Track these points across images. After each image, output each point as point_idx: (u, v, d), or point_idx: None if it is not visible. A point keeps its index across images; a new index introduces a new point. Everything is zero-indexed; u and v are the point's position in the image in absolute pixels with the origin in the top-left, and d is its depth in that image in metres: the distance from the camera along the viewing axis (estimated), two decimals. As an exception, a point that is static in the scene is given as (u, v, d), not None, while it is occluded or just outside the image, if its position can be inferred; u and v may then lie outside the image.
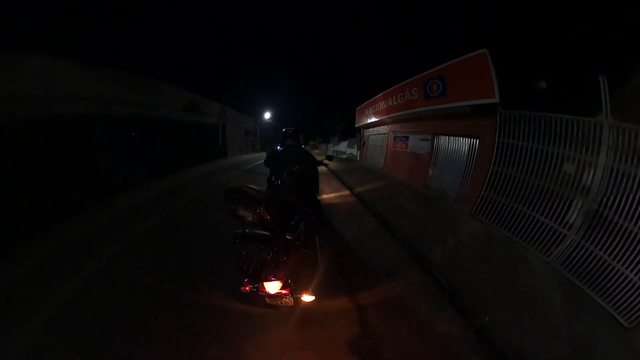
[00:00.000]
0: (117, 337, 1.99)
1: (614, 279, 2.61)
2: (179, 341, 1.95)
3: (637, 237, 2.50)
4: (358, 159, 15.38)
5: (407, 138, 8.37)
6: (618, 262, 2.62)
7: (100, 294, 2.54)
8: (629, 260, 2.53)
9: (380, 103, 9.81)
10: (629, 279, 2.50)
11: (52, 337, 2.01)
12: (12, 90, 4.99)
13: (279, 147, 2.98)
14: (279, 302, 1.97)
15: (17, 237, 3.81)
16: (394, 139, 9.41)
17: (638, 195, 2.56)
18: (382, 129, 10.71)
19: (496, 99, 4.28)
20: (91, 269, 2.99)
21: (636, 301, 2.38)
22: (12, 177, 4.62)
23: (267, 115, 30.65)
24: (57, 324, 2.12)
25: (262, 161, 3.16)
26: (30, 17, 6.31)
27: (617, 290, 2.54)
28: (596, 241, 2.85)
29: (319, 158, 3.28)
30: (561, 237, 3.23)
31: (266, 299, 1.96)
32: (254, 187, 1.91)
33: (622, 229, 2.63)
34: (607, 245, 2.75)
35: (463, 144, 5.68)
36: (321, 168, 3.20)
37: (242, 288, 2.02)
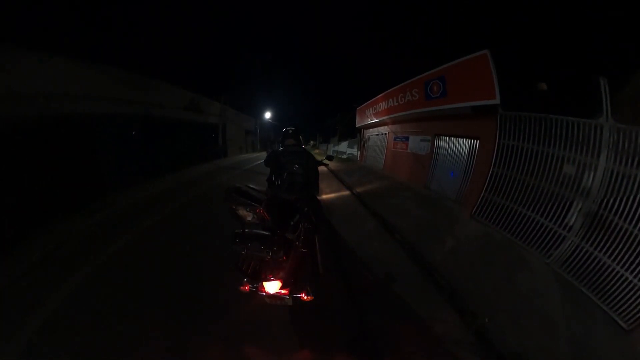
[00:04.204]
0: (116, 336, 1.99)
1: (613, 280, 2.61)
2: (177, 341, 1.95)
3: (637, 239, 2.50)
4: (358, 159, 15.37)
5: (407, 139, 8.36)
6: (617, 264, 2.62)
7: (100, 292, 2.54)
8: (629, 262, 2.53)
9: (380, 103, 9.81)
10: (628, 280, 2.50)
11: (50, 333, 2.00)
12: (12, 88, 4.99)
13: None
14: (278, 302, 1.97)
15: (24, 233, 3.81)
16: (395, 139, 9.40)
17: (638, 197, 2.56)
18: (383, 129, 10.71)
19: (497, 100, 4.28)
20: (93, 266, 2.99)
21: (635, 303, 2.38)
22: (13, 175, 4.62)
23: (268, 115, 30.67)
24: (55, 322, 2.12)
25: (262, 161, 3.15)
26: (31, 15, 6.31)
27: (617, 292, 2.54)
28: (596, 243, 2.85)
29: (319, 158, 3.28)
30: (561, 238, 3.23)
31: (265, 298, 1.96)
32: (254, 187, 1.92)
33: (622, 231, 2.63)
34: (606, 247, 2.75)
35: (463, 145, 5.67)
36: (321, 168, 3.20)
37: (242, 288, 2.02)
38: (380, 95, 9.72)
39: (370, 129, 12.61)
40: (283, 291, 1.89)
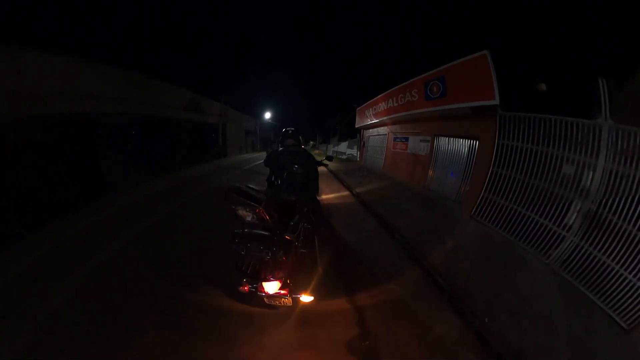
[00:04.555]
0: (115, 336, 1.99)
1: (613, 280, 2.61)
2: (177, 341, 1.94)
3: (636, 239, 2.50)
4: (358, 159, 15.39)
5: (407, 139, 8.37)
6: (617, 263, 2.62)
7: (99, 292, 2.54)
8: (628, 261, 2.53)
9: (380, 104, 9.82)
10: (627, 280, 2.50)
11: (50, 332, 2.00)
12: (13, 87, 4.99)
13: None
14: (277, 302, 1.97)
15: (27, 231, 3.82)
16: (394, 139, 9.41)
17: (637, 196, 2.56)
18: (382, 129, 10.72)
19: (496, 101, 4.29)
20: (93, 265, 2.98)
21: (635, 302, 2.38)
22: (16, 173, 4.63)
23: (268, 115, 30.68)
24: (55, 320, 2.12)
25: (262, 161, 3.16)
26: (32, 14, 6.32)
27: (616, 292, 2.54)
28: (595, 243, 2.86)
29: (318, 158, 3.29)
30: (560, 238, 3.24)
31: (265, 299, 1.96)
32: (254, 187, 1.92)
33: (621, 231, 2.63)
34: (606, 246, 2.75)
35: (463, 145, 5.68)
36: (321, 168, 3.21)
37: (241, 288, 2.02)
38: (380, 95, 9.73)
39: (370, 130, 12.62)
40: (282, 291, 1.89)
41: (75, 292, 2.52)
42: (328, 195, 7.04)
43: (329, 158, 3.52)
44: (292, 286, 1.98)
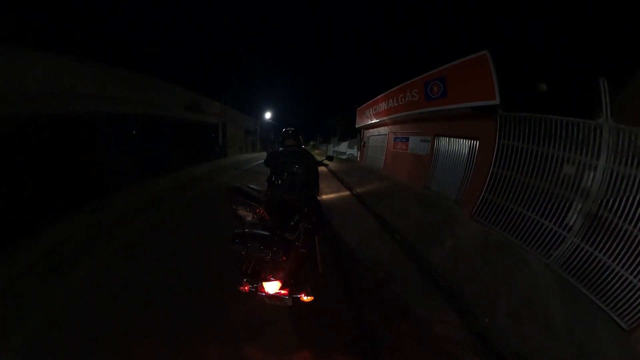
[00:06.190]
0: (115, 336, 1.99)
1: (614, 281, 2.61)
2: (176, 341, 1.95)
3: (637, 239, 2.50)
4: (358, 159, 15.37)
5: (407, 139, 8.36)
6: (617, 264, 2.62)
7: (98, 292, 2.54)
8: (629, 262, 2.53)
9: (380, 104, 9.81)
10: (628, 281, 2.50)
11: (51, 332, 2.00)
12: (13, 87, 5.00)
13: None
14: (278, 302, 1.97)
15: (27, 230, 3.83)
16: (394, 140, 9.40)
17: (638, 197, 2.56)
18: (383, 129, 10.71)
19: (497, 101, 4.28)
20: (94, 265, 2.99)
21: (635, 303, 2.38)
22: (16, 174, 4.63)
23: (268, 115, 30.68)
24: (56, 320, 2.12)
25: (262, 161, 3.16)
26: (32, 14, 6.32)
27: (617, 293, 2.54)
28: (596, 243, 2.85)
29: (319, 158, 3.28)
30: (561, 239, 3.23)
31: (265, 299, 1.96)
32: (254, 187, 1.92)
33: (622, 231, 2.63)
34: (606, 247, 2.75)
35: (463, 145, 5.68)
36: (321, 168, 3.20)
37: (241, 288, 2.02)
38: (381, 95, 9.73)
39: (370, 130, 12.61)
40: (283, 291, 1.89)
41: (77, 290, 2.53)
42: (328, 195, 7.04)
43: (329, 158, 3.51)
44: (292, 286, 1.98)
